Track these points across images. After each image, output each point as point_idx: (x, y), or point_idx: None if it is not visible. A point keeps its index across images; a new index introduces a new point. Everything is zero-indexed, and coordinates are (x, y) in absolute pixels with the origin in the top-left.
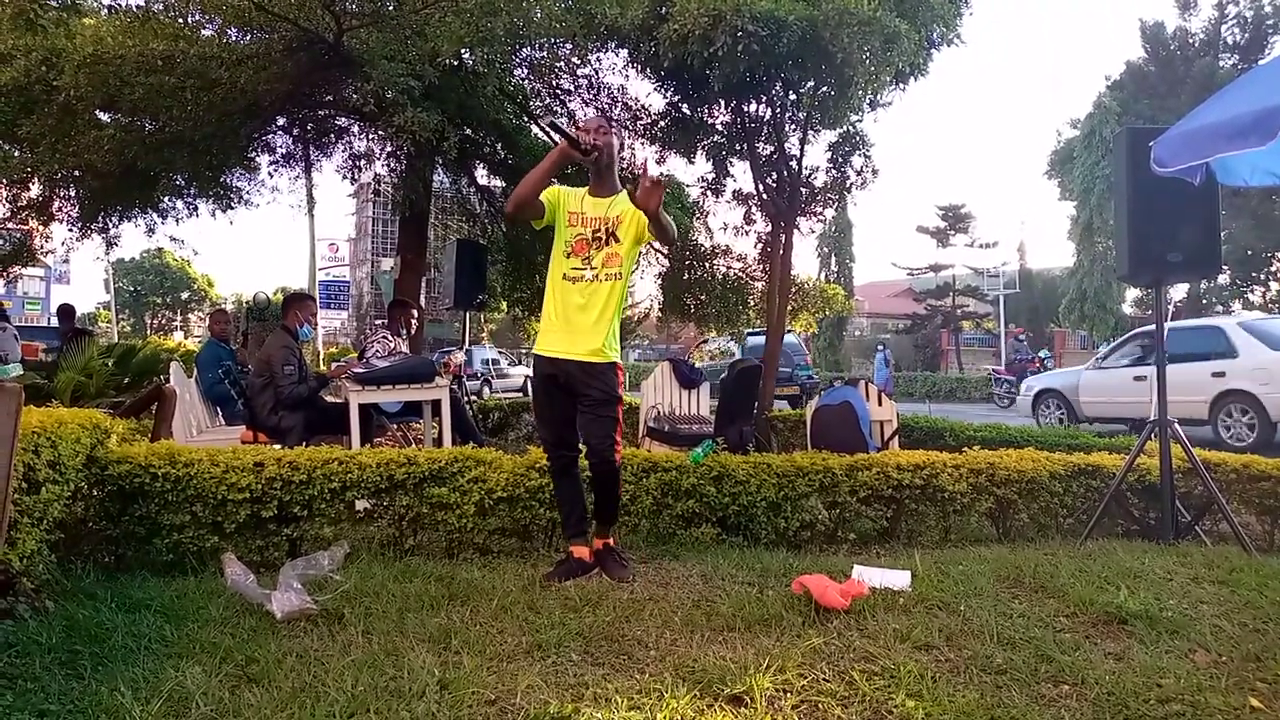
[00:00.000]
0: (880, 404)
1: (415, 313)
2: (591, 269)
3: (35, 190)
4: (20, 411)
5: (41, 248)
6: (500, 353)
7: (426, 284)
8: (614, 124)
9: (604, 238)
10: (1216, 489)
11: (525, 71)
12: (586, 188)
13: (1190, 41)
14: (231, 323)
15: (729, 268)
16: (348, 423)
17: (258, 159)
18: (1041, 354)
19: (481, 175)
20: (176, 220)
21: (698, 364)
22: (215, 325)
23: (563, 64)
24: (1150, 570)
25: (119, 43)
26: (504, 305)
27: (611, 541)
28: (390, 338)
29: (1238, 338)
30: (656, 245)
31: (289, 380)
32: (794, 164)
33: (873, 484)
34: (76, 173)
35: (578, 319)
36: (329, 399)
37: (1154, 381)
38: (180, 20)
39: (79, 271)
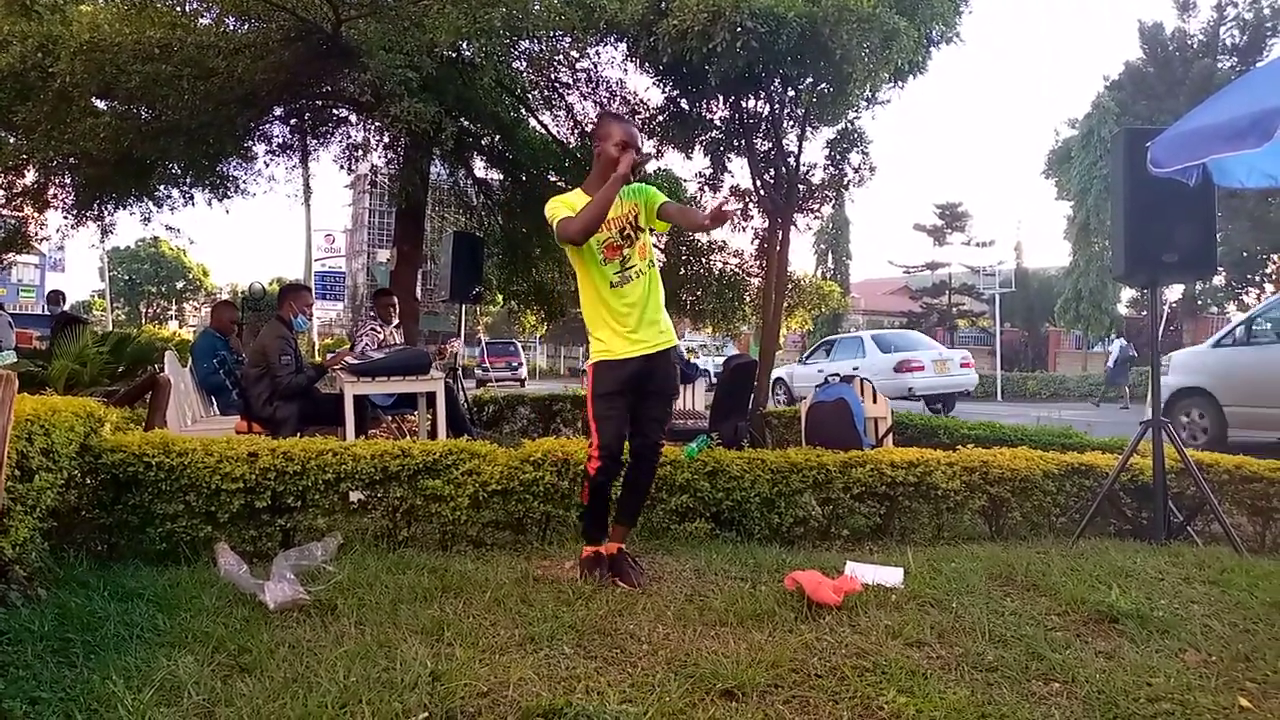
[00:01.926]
0: (875, 401)
1: (395, 301)
2: (631, 266)
3: (30, 177)
4: (13, 399)
5: (36, 235)
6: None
7: (423, 276)
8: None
9: (631, 234)
10: (1209, 490)
11: (524, 64)
12: (587, 192)
13: (1189, 43)
14: (236, 317)
15: (725, 264)
16: (342, 414)
17: (254, 148)
18: None
19: (479, 167)
20: (172, 209)
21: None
22: (218, 317)
23: (561, 57)
24: (1142, 570)
25: (115, 30)
26: (500, 298)
27: (624, 545)
28: (380, 329)
29: (867, 343)
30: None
31: (286, 370)
32: (792, 161)
33: (866, 481)
34: (72, 160)
35: (643, 313)
36: (323, 390)
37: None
38: (177, 8)
39: (74, 259)
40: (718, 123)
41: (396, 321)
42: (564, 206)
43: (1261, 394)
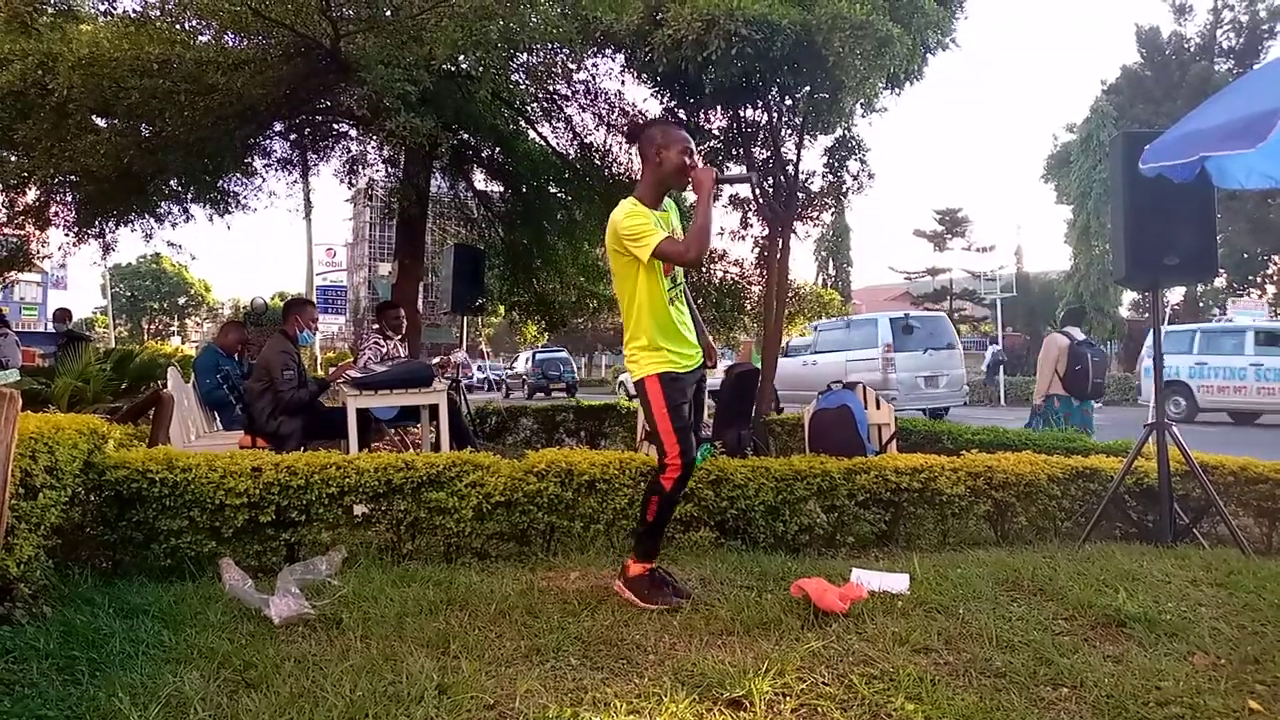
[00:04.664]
0: (878, 407)
1: (402, 314)
2: (678, 285)
3: (31, 195)
4: (17, 417)
5: (38, 253)
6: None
7: (424, 288)
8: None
9: None
10: (1214, 491)
11: (521, 77)
12: (644, 204)
13: (1186, 46)
14: (245, 338)
15: (725, 273)
16: (346, 427)
17: (254, 163)
18: None
19: (479, 180)
20: (173, 225)
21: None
22: (225, 336)
23: (559, 69)
24: (1148, 573)
25: (115, 46)
26: (501, 309)
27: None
28: (382, 342)
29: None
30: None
31: (289, 385)
32: (790, 168)
33: (871, 487)
34: (73, 177)
35: (688, 331)
36: (327, 404)
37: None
38: (176, 25)
39: (76, 277)
40: (716, 132)
41: (401, 335)
42: (653, 225)
43: (791, 384)
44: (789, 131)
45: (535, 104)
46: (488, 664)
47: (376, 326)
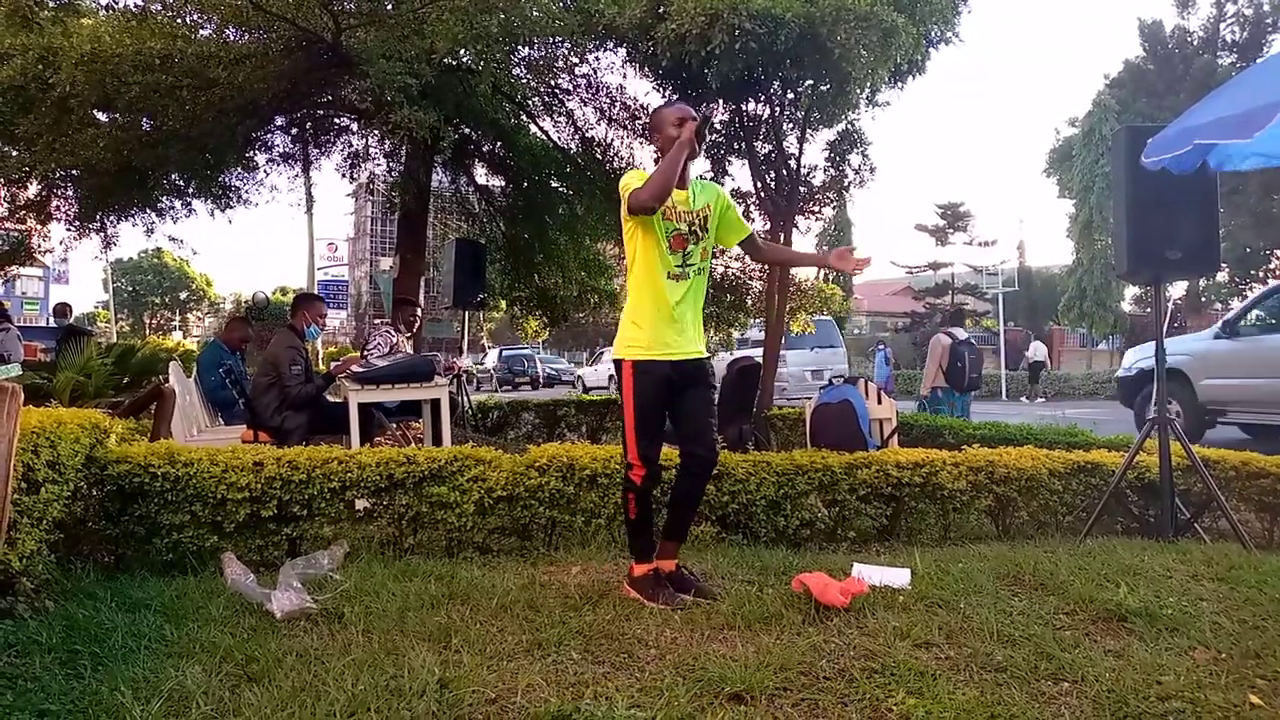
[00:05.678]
0: (879, 402)
1: (418, 313)
2: (690, 264)
3: (33, 189)
4: (19, 411)
5: (39, 247)
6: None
7: (425, 283)
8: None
9: (699, 231)
10: (1215, 486)
11: (523, 70)
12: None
13: (1189, 40)
14: (249, 335)
15: (726, 267)
16: (348, 422)
17: (256, 158)
18: None
19: (480, 174)
20: (174, 219)
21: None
22: (230, 332)
23: (560, 63)
24: (1150, 567)
25: (116, 41)
26: (503, 304)
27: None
28: (393, 333)
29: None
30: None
31: (296, 380)
32: (792, 163)
33: (872, 482)
34: (74, 172)
35: (688, 316)
36: (331, 398)
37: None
38: (178, 19)
39: (78, 271)
40: (718, 126)
41: (411, 333)
42: (637, 178)
43: None
44: (791, 125)
45: (536, 98)
46: (489, 658)
47: (387, 321)
